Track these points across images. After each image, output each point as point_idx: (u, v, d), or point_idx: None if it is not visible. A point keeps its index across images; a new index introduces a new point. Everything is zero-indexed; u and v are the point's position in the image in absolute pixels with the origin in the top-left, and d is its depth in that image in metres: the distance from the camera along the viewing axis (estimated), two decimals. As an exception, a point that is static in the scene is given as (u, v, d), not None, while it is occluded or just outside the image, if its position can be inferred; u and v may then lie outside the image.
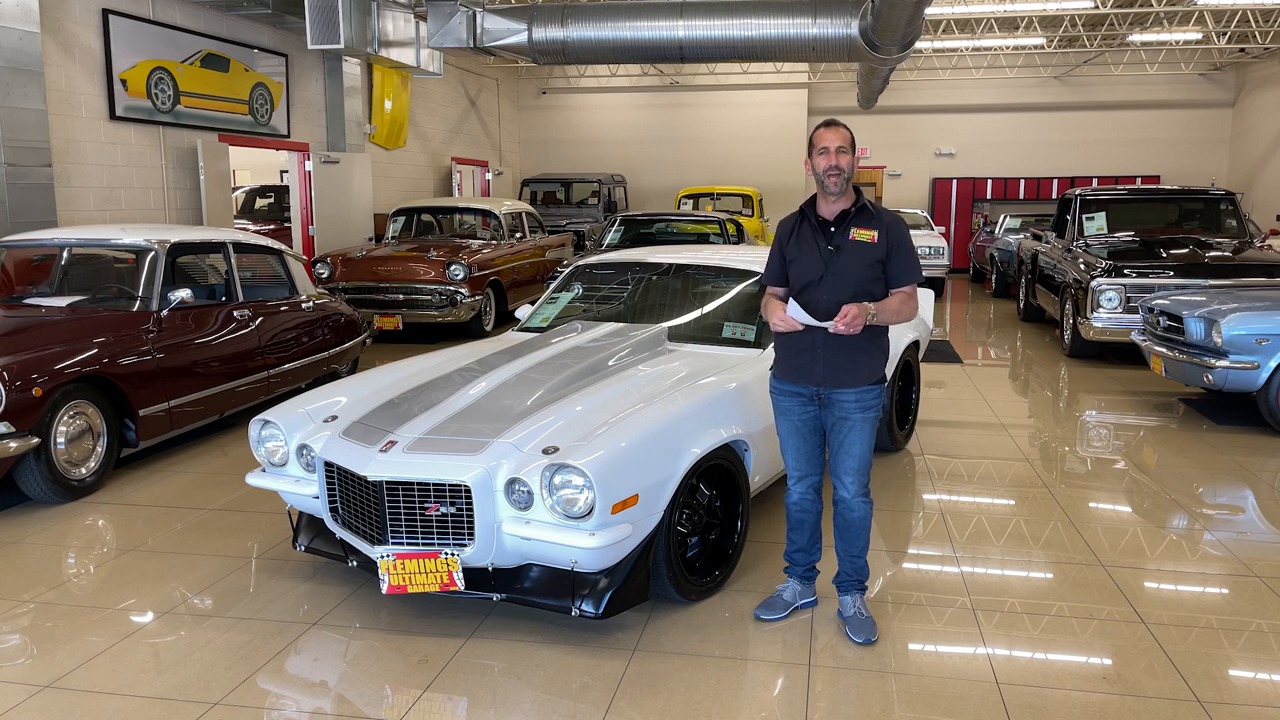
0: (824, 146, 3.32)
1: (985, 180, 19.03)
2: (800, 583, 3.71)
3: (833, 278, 3.34)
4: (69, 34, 8.76)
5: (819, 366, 3.37)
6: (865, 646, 3.40)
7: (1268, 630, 3.55)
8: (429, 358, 4.64)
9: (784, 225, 3.55)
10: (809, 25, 9.66)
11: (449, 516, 3.32)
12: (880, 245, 3.34)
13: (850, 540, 3.52)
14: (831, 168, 3.29)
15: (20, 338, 5.06)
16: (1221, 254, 8.80)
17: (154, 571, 4.13)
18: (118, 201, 9.37)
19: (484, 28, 10.38)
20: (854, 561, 3.55)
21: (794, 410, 3.49)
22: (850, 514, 3.48)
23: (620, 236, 11.16)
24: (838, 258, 3.35)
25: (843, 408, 3.39)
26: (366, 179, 13.21)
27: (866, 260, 3.34)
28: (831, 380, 3.37)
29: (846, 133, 3.35)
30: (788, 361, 3.47)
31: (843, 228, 3.37)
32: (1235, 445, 6.12)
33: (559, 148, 19.95)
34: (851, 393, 3.37)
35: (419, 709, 3.03)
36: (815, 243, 3.39)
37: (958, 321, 12.19)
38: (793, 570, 3.72)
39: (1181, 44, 16.25)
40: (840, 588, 3.60)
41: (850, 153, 3.33)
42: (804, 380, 3.42)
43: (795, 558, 3.69)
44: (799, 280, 3.41)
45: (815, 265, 3.37)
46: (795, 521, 3.63)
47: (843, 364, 3.35)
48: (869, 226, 3.36)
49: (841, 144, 3.31)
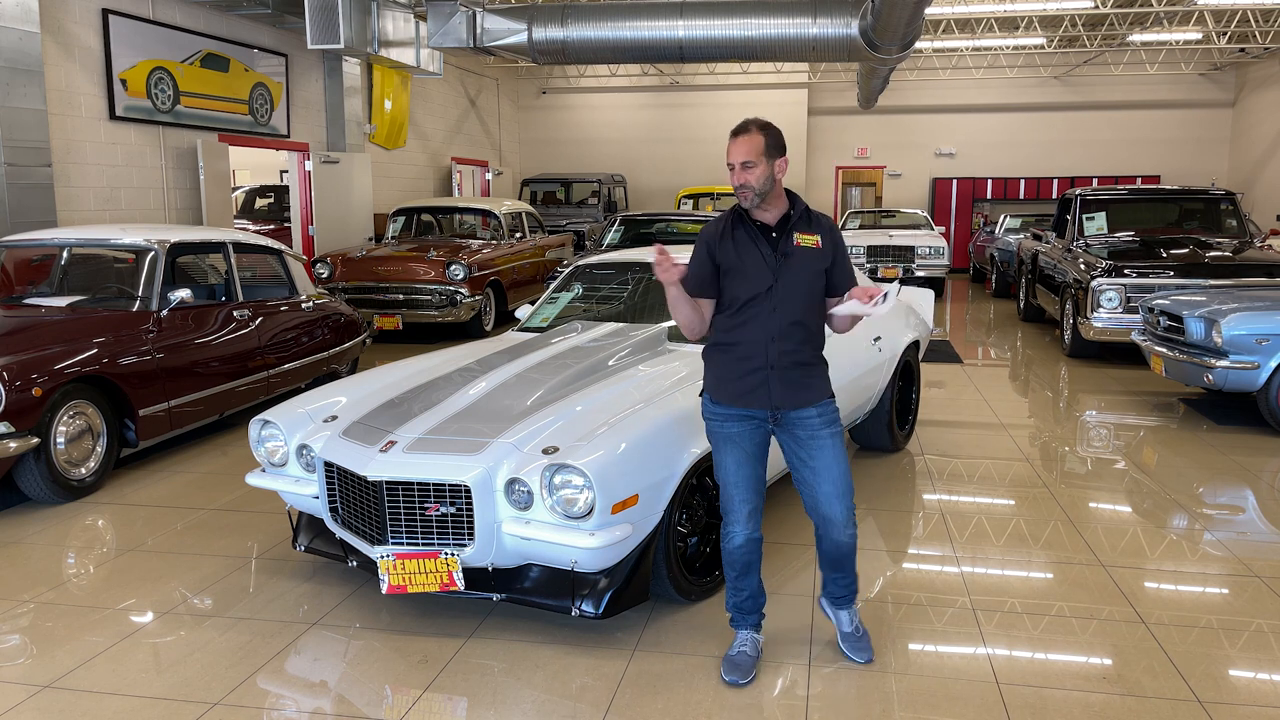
0: (729, 163, 2.98)
1: (985, 180, 19.03)
2: (756, 631, 3.28)
3: (783, 288, 3.01)
4: (69, 34, 8.76)
5: (774, 386, 3.03)
6: (864, 665, 3.28)
7: (1268, 630, 3.55)
8: (429, 358, 4.64)
9: (711, 230, 3.12)
10: (809, 25, 9.66)
11: (449, 516, 3.32)
12: (826, 251, 3.05)
13: (845, 570, 3.23)
14: (740, 186, 2.97)
15: (20, 338, 5.06)
16: (1221, 254, 8.80)
17: (154, 571, 4.13)
18: (118, 201, 9.37)
19: (484, 28, 10.38)
20: (847, 585, 3.28)
21: (745, 436, 3.08)
22: (844, 546, 3.14)
23: (620, 236, 11.16)
24: (787, 265, 3.02)
25: (807, 426, 3.06)
26: (366, 179, 13.21)
27: (814, 268, 3.04)
28: (790, 400, 3.04)
29: (759, 139, 2.96)
30: (733, 383, 3.07)
31: (786, 233, 3.04)
32: (1235, 445, 6.12)
33: (559, 148, 19.94)
34: (813, 410, 3.07)
35: (419, 709, 3.03)
36: (758, 250, 3.03)
37: (958, 321, 12.18)
38: (745, 620, 3.25)
39: (1181, 44, 16.25)
40: (837, 603, 3.34)
41: (763, 164, 2.95)
42: (756, 404, 3.05)
43: (745, 605, 3.22)
44: (744, 292, 3.02)
45: (763, 275, 3.01)
46: (742, 567, 3.15)
47: (799, 381, 3.05)
48: (811, 231, 3.06)
49: (747, 160, 2.94)
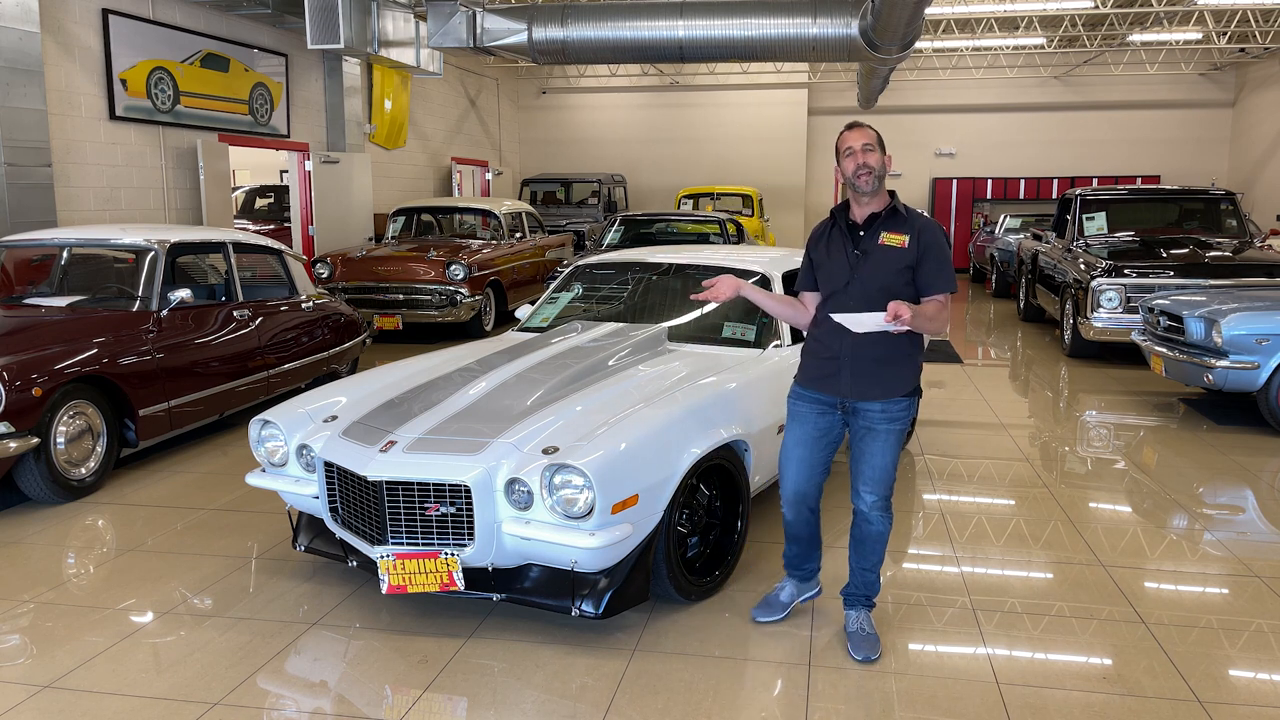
0: (849, 148, 3.22)
1: (985, 180, 19.03)
2: (798, 582, 3.66)
3: (859, 284, 3.22)
4: (69, 34, 8.76)
5: (845, 375, 3.25)
6: (864, 663, 3.31)
7: (1268, 630, 3.55)
8: (429, 358, 4.64)
9: (815, 231, 3.47)
10: (809, 25, 9.66)
11: (449, 516, 3.32)
12: (910, 250, 3.20)
13: (864, 554, 3.39)
14: (861, 166, 3.19)
15: (20, 338, 5.06)
16: (1221, 254, 8.80)
17: (154, 571, 4.13)
18: (118, 201, 9.37)
19: (484, 28, 10.38)
20: (865, 575, 3.42)
21: (809, 418, 3.36)
22: (868, 527, 3.35)
23: (620, 236, 11.16)
24: (864, 263, 3.22)
25: (867, 418, 3.26)
26: (366, 179, 13.21)
27: (895, 266, 3.20)
28: (857, 392, 3.24)
29: (872, 132, 3.26)
30: (812, 369, 3.36)
31: (871, 231, 3.25)
32: (1235, 445, 6.12)
33: (559, 148, 19.94)
34: (877, 405, 3.24)
35: (419, 709, 3.03)
36: (843, 247, 3.28)
37: (958, 321, 12.18)
38: (790, 571, 3.67)
39: (1181, 44, 16.25)
40: (847, 601, 3.48)
41: (878, 151, 3.22)
42: (828, 390, 3.30)
43: (794, 561, 3.64)
44: (826, 286, 3.32)
45: (842, 271, 3.26)
46: (792, 535, 3.56)
47: (870, 374, 3.22)
48: (899, 230, 3.22)
49: (867, 142, 3.21)
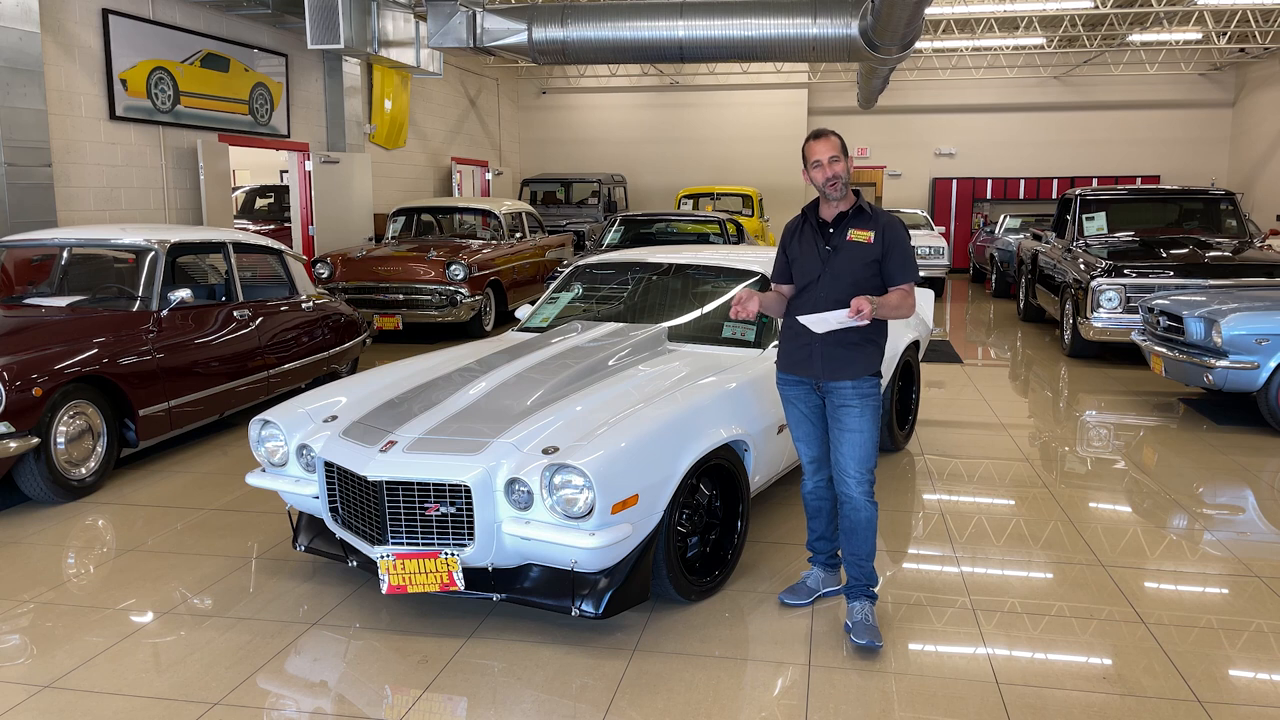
0: (816, 160, 3.45)
1: (985, 180, 19.03)
2: (824, 570, 3.81)
3: (830, 277, 3.47)
4: (69, 34, 8.76)
5: (816, 360, 3.49)
6: (866, 649, 3.38)
7: (1268, 630, 3.55)
8: (429, 358, 4.64)
9: (788, 227, 3.71)
10: (809, 25, 9.66)
11: (449, 516, 3.32)
12: (876, 245, 3.45)
13: (856, 543, 3.50)
14: (830, 178, 3.43)
15: (20, 338, 5.06)
16: (1221, 254, 8.80)
17: (154, 571, 4.13)
18: (118, 201, 9.37)
19: (484, 28, 10.38)
20: (860, 566, 3.51)
21: (800, 398, 3.61)
22: (856, 514, 3.48)
23: (620, 236, 11.15)
24: (835, 258, 3.47)
25: (841, 394, 3.48)
26: (366, 179, 13.21)
27: (863, 260, 3.45)
28: (828, 373, 3.48)
29: (836, 140, 3.46)
30: (788, 354, 3.60)
31: (840, 229, 3.49)
32: (1235, 445, 6.12)
33: (559, 148, 19.94)
34: (848, 383, 3.47)
35: (419, 709, 3.03)
36: (815, 244, 3.52)
37: (958, 321, 12.18)
38: (816, 558, 3.83)
39: (1181, 44, 16.25)
40: (849, 594, 3.55)
41: (843, 158, 3.45)
42: (804, 372, 3.55)
43: (817, 545, 3.80)
44: (799, 280, 3.57)
45: (814, 265, 3.51)
46: (812, 510, 3.75)
47: (838, 357, 3.46)
48: (866, 227, 3.47)
49: (833, 154, 3.43)
